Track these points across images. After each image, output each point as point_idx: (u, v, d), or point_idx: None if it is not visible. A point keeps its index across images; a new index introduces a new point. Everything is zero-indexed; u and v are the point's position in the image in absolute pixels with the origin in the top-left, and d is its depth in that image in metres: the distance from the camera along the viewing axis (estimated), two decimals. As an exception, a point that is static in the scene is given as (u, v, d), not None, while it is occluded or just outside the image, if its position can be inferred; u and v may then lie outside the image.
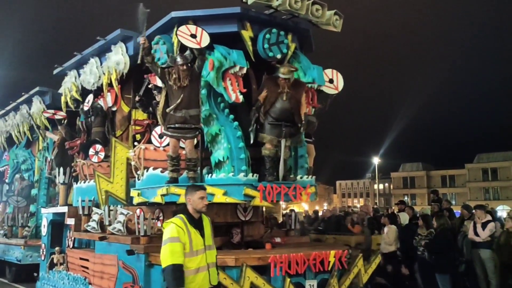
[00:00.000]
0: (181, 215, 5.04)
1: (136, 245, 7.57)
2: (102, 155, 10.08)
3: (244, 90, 7.80)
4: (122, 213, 8.51)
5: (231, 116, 7.94)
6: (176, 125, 7.64)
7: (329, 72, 8.83)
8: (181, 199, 7.48)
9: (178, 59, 7.63)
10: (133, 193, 8.59)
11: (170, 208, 8.21)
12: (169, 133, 7.72)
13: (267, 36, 7.97)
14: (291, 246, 8.32)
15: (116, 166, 9.53)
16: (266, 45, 7.97)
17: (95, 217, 9.26)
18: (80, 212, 9.49)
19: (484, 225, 10.02)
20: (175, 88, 7.60)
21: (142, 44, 7.61)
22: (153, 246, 7.51)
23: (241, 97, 7.73)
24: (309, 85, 8.29)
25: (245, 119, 8.13)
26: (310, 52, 9.03)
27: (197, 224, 5.07)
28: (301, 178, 8.02)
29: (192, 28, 7.48)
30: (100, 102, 10.66)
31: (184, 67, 7.55)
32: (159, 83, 9.01)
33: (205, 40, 7.44)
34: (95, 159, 10.07)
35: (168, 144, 8.37)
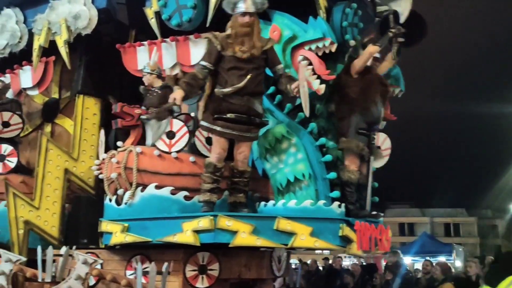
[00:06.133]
0: None
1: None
2: (12, 162, 5.75)
3: (332, 77, 4.87)
4: (85, 262, 4.54)
5: (301, 115, 4.85)
6: (229, 115, 4.30)
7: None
8: (241, 240, 4.10)
9: (241, 4, 4.40)
10: (111, 227, 4.71)
11: (174, 254, 4.66)
12: (218, 128, 4.31)
13: (347, 10, 5.26)
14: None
15: (46, 182, 5.42)
16: (344, 23, 5.24)
17: (6, 267, 4.95)
18: (-29, 257, 5.05)
19: None
20: (237, 60, 4.33)
21: None
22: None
23: (323, 87, 4.78)
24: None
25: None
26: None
27: None
28: (376, 215, 5.27)
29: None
30: (4, 79, 6.35)
31: (250, 19, 4.38)
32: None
33: None
34: (-2, 167, 5.70)
35: (183, 149, 4.84)
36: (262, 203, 4.68)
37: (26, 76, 6.21)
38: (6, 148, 5.76)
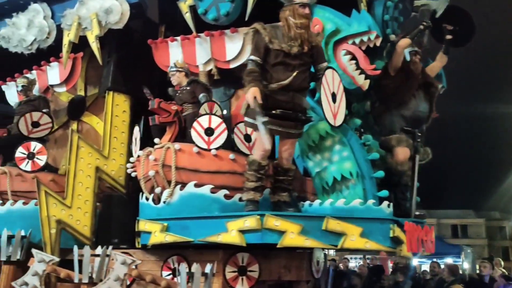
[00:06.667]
0: None
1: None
2: (42, 160, 5.59)
3: (377, 72, 4.70)
4: (124, 262, 4.38)
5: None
6: (274, 112, 4.11)
7: None
8: (290, 241, 3.92)
9: None
10: (150, 226, 4.54)
11: (213, 255, 4.48)
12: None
13: (388, 4, 5.09)
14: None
15: (78, 181, 5.26)
16: (386, 16, 5.06)
17: (39, 267, 4.79)
18: (2, 257, 4.92)
19: None
20: (285, 55, 4.12)
21: None
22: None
23: (367, 83, 4.62)
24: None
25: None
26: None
27: None
28: (419, 216, 5.09)
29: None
30: (30, 76, 6.21)
31: (307, 10, 4.18)
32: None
33: None
34: (27, 165, 5.52)
35: (221, 146, 4.66)
36: (307, 202, 4.50)
37: (53, 73, 6.07)
38: (36, 146, 5.59)
